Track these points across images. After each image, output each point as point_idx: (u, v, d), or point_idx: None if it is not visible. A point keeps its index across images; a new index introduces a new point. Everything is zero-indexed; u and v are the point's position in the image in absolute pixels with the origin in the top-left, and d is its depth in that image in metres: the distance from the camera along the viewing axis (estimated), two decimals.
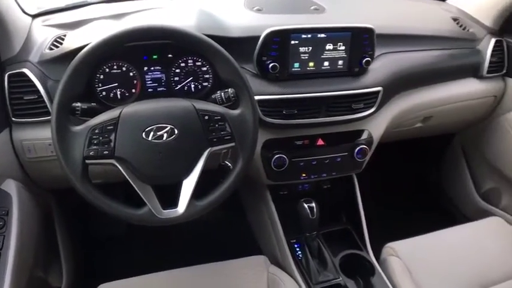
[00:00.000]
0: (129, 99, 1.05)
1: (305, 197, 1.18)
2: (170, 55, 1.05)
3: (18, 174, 1.10)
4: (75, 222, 1.55)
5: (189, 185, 0.87)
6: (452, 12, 1.51)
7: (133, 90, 1.05)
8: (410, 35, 1.31)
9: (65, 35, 1.10)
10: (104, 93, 1.03)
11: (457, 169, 1.82)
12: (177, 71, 1.07)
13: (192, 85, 1.09)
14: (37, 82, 1.00)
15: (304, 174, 1.24)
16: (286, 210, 1.28)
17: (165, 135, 0.83)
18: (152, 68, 1.05)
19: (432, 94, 1.36)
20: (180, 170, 0.86)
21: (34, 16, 1.21)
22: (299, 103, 1.11)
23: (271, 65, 1.05)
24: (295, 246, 1.29)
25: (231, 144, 0.89)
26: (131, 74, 1.04)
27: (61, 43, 1.07)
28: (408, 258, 1.17)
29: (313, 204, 1.15)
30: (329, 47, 1.09)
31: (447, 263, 1.17)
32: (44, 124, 1.02)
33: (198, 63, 1.07)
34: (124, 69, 1.03)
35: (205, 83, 1.09)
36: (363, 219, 1.34)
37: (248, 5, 1.25)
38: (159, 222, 0.86)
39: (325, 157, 1.22)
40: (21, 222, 0.99)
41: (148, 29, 0.84)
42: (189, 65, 1.07)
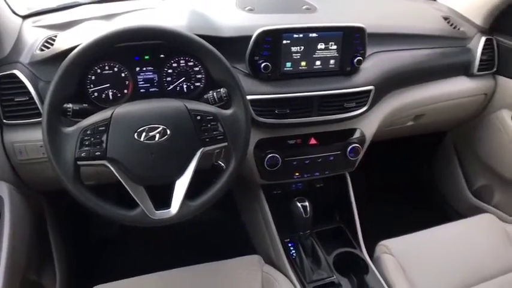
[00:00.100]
0: (121, 100, 1.04)
1: (298, 196, 1.18)
2: (162, 55, 1.05)
3: (10, 177, 1.09)
4: (68, 224, 1.54)
5: (181, 186, 0.86)
6: (443, 11, 1.52)
7: (125, 90, 1.05)
8: (402, 34, 1.32)
9: (55, 35, 1.10)
10: (96, 94, 1.02)
11: (449, 167, 1.83)
12: (169, 71, 1.07)
13: (185, 85, 1.08)
14: (28, 83, 0.99)
15: (297, 174, 1.24)
16: (279, 210, 1.28)
17: (157, 135, 0.83)
18: (144, 68, 1.05)
19: (423, 92, 1.37)
20: (173, 170, 0.86)
21: (24, 17, 1.20)
22: (291, 102, 1.11)
23: (263, 65, 1.06)
24: (289, 245, 1.29)
25: (224, 144, 0.89)
26: (123, 74, 1.03)
27: (52, 44, 1.06)
28: (401, 256, 1.17)
29: (307, 203, 1.15)
30: (321, 46, 1.09)
31: (440, 260, 1.18)
32: (35, 126, 1.01)
33: (190, 64, 1.07)
34: (116, 69, 1.02)
35: (198, 83, 1.09)
36: (356, 217, 1.35)
37: (240, 4, 1.25)
38: (152, 223, 0.86)
39: (318, 156, 1.22)
40: (13, 225, 0.98)
41: (139, 29, 0.84)
42: (181, 65, 1.07)
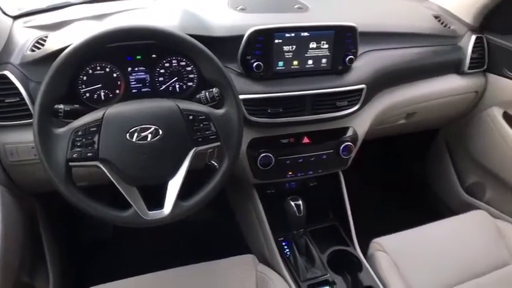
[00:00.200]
0: (113, 101, 1.04)
1: (292, 195, 1.18)
2: (154, 55, 1.05)
3: (1, 178, 1.08)
4: (61, 225, 1.54)
5: (174, 186, 0.86)
6: (433, 10, 1.53)
7: (117, 91, 1.04)
8: (393, 33, 1.33)
9: (46, 36, 1.09)
10: (88, 95, 1.02)
11: (442, 164, 1.84)
12: (162, 71, 1.06)
13: (177, 85, 1.08)
14: (19, 84, 0.98)
15: (290, 173, 1.24)
16: (273, 209, 1.28)
17: (150, 136, 0.83)
18: (136, 68, 1.04)
19: (415, 91, 1.38)
20: (165, 170, 0.86)
21: (15, 17, 1.19)
22: (284, 101, 1.11)
23: (255, 64, 1.06)
24: (283, 244, 1.29)
25: (216, 143, 0.89)
26: (115, 75, 1.03)
27: (43, 44, 1.05)
28: (395, 253, 1.18)
29: (300, 202, 1.15)
30: (313, 45, 1.09)
31: (433, 257, 1.19)
32: (26, 127, 1.00)
33: (183, 63, 1.07)
34: (107, 70, 1.02)
35: (190, 83, 1.09)
36: (350, 215, 1.35)
37: (232, 4, 1.25)
38: (145, 224, 0.86)
39: (311, 155, 1.23)
40: (5, 227, 0.98)
41: (130, 29, 0.84)
42: (174, 65, 1.06)
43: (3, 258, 0.93)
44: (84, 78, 1.01)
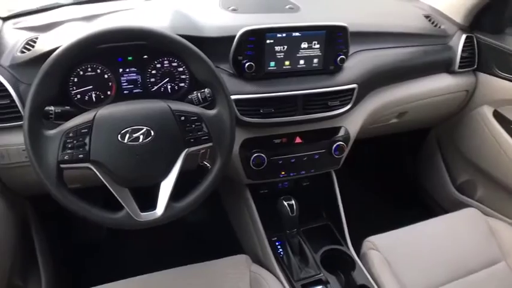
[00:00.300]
0: (104, 102, 1.03)
1: (285, 194, 1.18)
2: (145, 56, 1.04)
3: None
4: (54, 228, 1.53)
5: (167, 187, 0.86)
6: (424, 10, 1.54)
7: (108, 92, 1.04)
8: (384, 33, 1.34)
9: (37, 37, 1.08)
10: (79, 96, 1.01)
11: (433, 163, 1.86)
12: (153, 72, 1.06)
13: (169, 86, 1.08)
14: (9, 86, 0.98)
15: (283, 172, 1.24)
16: (266, 209, 1.28)
17: (141, 137, 0.82)
18: (127, 69, 1.04)
19: (406, 90, 1.39)
20: (158, 171, 0.86)
21: (5, 19, 1.18)
22: (276, 101, 1.11)
23: (247, 65, 1.06)
24: (277, 244, 1.29)
25: (209, 144, 0.89)
26: (106, 76, 1.03)
27: (33, 46, 1.04)
28: (387, 251, 1.19)
29: (293, 202, 1.16)
30: (304, 45, 1.10)
31: (425, 254, 1.20)
32: (17, 129, 1.00)
33: (174, 64, 1.07)
34: (99, 71, 1.02)
35: (182, 84, 1.09)
36: (343, 214, 1.36)
37: (223, 4, 1.26)
38: (138, 225, 0.86)
39: (304, 155, 1.23)
40: None
41: (121, 30, 0.83)
42: (165, 66, 1.06)
43: None
44: (75, 79, 1.00)
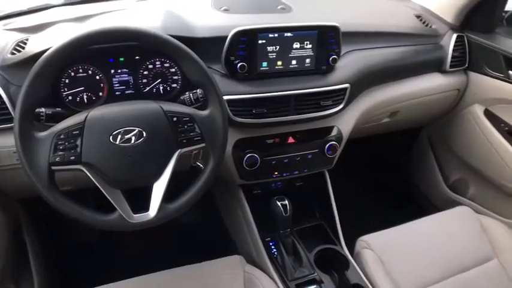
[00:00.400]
0: (96, 103, 1.02)
1: (278, 195, 1.19)
2: (137, 57, 1.04)
3: None
4: (46, 230, 1.51)
5: (159, 188, 0.86)
6: (415, 10, 1.55)
7: (100, 93, 1.03)
8: (376, 32, 1.35)
9: (27, 39, 1.07)
10: (70, 98, 1.01)
11: (425, 161, 1.87)
12: (145, 73, 1.05)
13: (161, 87, 1.08)
14: None
15: (276, 173, 1.24)
16: (260, 209, 1.28)
17: (133, 138, 0.82)
18: (119, 70, 1.03)
19: (398, 89, 1.39)
20: (150, 173, 0.86)
21: None
22: (268, 102, 1.11)
23: (239, 65, 1.06)
24: (270, 244, 1.29)
25: (201, 145, 0.89)
26: (98, 77, 1.02)
27: (23, 47, 1.03)
28: (381, 250, 1.19)
29: (286, 202, 1.16)
30: (296, 45, 1.10)
31: (418, 253, 1.20)
32: (7, 131, 0.99)
33: (166, 65, 1.07)
34: (90, 72, 1.01)
35: (174, 85, 1.09)
36: (336, 214, 1.36)
37: (215, 5, 1.25)
38: (130, 227, 0.85)
39: (297, 155, 1.23)
40: None
41: (113, 31, 0.83)
42: (157, 66, 1.06)
43: None
44: (67, 81, 0.99)
